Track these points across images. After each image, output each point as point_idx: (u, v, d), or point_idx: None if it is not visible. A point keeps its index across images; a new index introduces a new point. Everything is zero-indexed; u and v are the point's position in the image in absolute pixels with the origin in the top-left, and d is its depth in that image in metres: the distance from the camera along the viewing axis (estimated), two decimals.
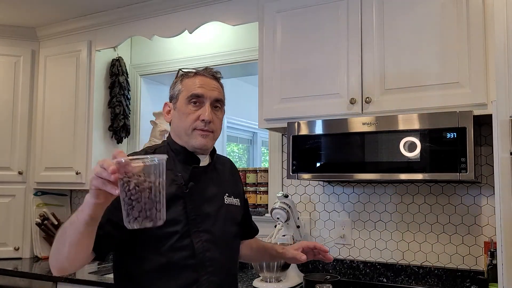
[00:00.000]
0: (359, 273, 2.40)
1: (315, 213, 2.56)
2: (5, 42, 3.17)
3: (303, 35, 2.28)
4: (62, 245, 1.19)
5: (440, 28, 1.98)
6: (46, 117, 3.16)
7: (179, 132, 1.46)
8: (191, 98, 1.43)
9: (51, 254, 1.24)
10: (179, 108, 1.45)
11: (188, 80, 1.47)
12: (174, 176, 1.40)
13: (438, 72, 1.96)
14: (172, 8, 2.76)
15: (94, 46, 3.04)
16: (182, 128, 1.44)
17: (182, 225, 1.37)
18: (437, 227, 2.25)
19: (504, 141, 1.54)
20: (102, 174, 1.00)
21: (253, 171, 2.83)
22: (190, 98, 1.43)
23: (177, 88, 1.48)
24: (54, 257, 1.23)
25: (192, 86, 1.44)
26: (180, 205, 1.39)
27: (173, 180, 1.39)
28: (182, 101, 1.44)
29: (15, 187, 3.15)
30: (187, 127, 1.43)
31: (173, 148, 1.48)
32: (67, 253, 1.19)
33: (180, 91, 1.46)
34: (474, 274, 2.14)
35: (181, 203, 1.39)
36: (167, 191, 1.18)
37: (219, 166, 1.57)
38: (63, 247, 1.18)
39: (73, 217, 1.16)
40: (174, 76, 1.56)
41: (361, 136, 2.03)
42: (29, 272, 2.68)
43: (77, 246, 1.17)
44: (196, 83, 1.45)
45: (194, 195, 1.42)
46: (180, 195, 1.39)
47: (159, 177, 1.02)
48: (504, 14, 1.60)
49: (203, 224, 1.41)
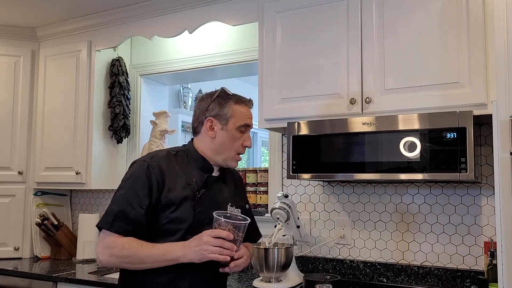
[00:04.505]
0: (359, 273, 2.40)
1: (315, 213, 2.56)
2: (5, 42, 3.17)
3: (303, 35, 2.28)
4: (133, 264, 1.52)
5: (440, 28, 1.98)
6: (46, 117, 3.16)
7: (220, 150, 1.65)
8: (242, 127, 1.65)
9: (116, 260, 1.53)
10: (229, 131, 1.64)
11: (239, 107, 1.66)
12: (189, 181, 1.60)
13: (438, 72, 1.97)
14: (172, 8, 2.76)
15: (94, 46, 3.04)
16: (227, 149, 1.65)
17: (188, 224, 1.55)
18: (437, 227, 2.25)
19: (504, 141, 1.54)
20: (224, 246, 1.47)
21: (253, 171, 2.83)
22: (241, 126, 1.65)
23: (228, 111, 1.64)
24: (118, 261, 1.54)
25: (244, 116, 1.66)
26: (189, 207, 1.57)
27: (188, 184, 1.59)
28: (233, 127, 1.64)
29: (15, 187, 3.15)
30: (233, 150, 1.66)
31: (192, 155, 1.66)
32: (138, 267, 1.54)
33: (231, 115, 1.64)
34: (474, 274, 2.14)
35: (191, 205, 1.57)
36: (181, 192, 1.55)
37: (226, 176, 1.74)
38: (134, 265, 1.53)
39: (153, 251, 1.50)
40: (174, 76, 1.63)
41: (361, 136, 2.03)
42: (29, 272, 2.68)
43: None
44: (247, 114, 1.67)
45: (204, 200, 1.60)
46: (191, 198, 1.58)
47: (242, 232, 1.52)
48: (504, 14, 1.60)
49: (206, 226, 1.55)
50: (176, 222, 1.55)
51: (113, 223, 1.53)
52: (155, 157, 1.62)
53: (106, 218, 1.55)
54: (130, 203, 1.53)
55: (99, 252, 1.55)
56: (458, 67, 1.93)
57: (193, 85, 4.70)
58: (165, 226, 1.55)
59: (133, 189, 1.55)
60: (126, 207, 1.53)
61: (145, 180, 1.56)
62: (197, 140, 1.70)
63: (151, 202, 1.54)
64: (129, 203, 1.53)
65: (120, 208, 1.53)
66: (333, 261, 2.47)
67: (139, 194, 1.54)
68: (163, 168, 1.59)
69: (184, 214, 1.56)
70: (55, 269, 2.73)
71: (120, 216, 1.53)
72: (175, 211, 1.55)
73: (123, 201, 1.54)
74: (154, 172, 1.57)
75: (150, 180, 1.56)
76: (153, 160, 1.60)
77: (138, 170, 1.58)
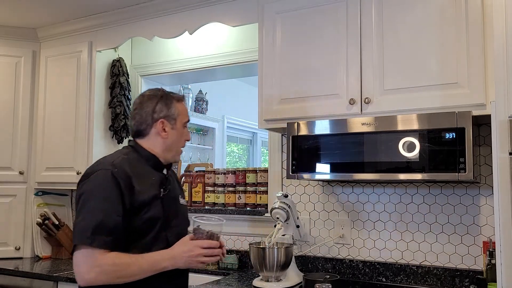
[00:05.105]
0: (358, 273, 2.40)
1: (314, 212, 2.57)
2: (6, 43, 3.18)
3: (302, 36, 2.29)
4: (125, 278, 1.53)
5: (439, 29, 1.98)
6: (47, 117, 3.17)
7: (171, 147, 1.73)
8: (186, 123, 1.77)
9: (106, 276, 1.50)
10: (178, 129, 1.74)
11: (180, 105, 1.76)
12: (151, 180, 1.66)
13: (437, 72, 1.97)
14: (173, 9, 2.77)
15: (94, 46, 3.05)
16: (176, 146, 1.75)
17: (160, 221, 1.63)
18: (436, 226, 2.26)
19: (503, 141, 1.55)
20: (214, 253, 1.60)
21: (253, 171, 2.84)
22: (185, 123, 1.77)
23: (174, 110, 1.72)
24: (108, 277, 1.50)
25: (186, 113, 1.78)
26: (159, 205, 1.63)
27: (152, 184, 1.65)
28: (180, 125, 1.74)
29: (16, 187, 3.16)
30: (180, 145, 1.77)
31: (143, 155, 1.70)
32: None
33: (178, 114, 1.73)
34: (473, 273, 2.15)
35: (159, 203, 1.64)
36: (150, 192, 1.60)
37: (169, 172, 1.80)
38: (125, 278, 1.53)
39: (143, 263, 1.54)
40: (174, 77, 1.67)
41: (360, 136, 2.04)
42: (30, 272, 2.69)
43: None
44: (186, 110, 1.80)
45: (167, 196, 1.69)
46: (159, 197, 1.64)
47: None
48: (503, 15, 1.61)
49: (173, 220, 1.69)
50: (150, 221, 1.59)
51: (94, 238, 1.47)
52: (114, 163, 1.59)
53: (83, 233, 1.48)
54: (106, 213, 1.49)
55: (84, 272, 1.48)
56: (457, 68, 1.94)
57: (193, 85, 4.71)
58: (140, 227, 1.57)
59: (105, 199, 1.51)
60: (103, 218, 1.49)
61: (113, 188, 1.53)
62: (144, 142, 1.71)
63: (125, 209, 1.53)
64: (105, 213, 1.49)
65: (97, 220, 1.48)
66: (332, 260, 2.48)
67: (113, 202, 1.51)
68: (128, 172, 1.57)
69: (156, 212, 1.61)
70: (56, 269, 2.74)
71: (98, 228, 1.48)
72: (148, 211, 1.58)
73: (98, 212, 1.49)
74: (120, 178, 1.54)
75: (119, 187, 1.53)
76: (114, 167, 1.57)
77: (103, 180, 1.54)
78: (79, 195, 1.57)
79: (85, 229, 1.48)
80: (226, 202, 2.87)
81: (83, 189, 1.56)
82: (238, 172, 2.87)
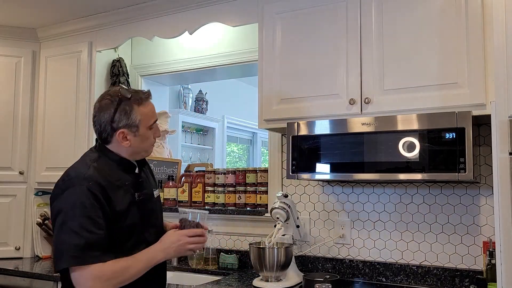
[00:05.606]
0: (358, 273, 2.40)
1: (314, 212, 2.57)
2: (6, 43, 3.18)
3: (302, 36, 2.29)
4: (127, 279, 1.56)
5: (439, 29, 1.99)
6: (47, 117, 3.17)
7: (137, 151, 1.69)
8: (151, 125, 1.69)
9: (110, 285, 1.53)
10: (142, 134, 1.66)
11: (143, 108, 1.65)
12: (125, 187, 1.64)
13: (437, 72, 1.98)
14: (173, 9, 2.77)
15: (94, 47, 3.05)
16: (143, 149, 1.71)
17: (139, 224, 1.66)
18: (436, 226, 2.26)
19: (503, 141, 1.55)
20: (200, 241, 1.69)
21: (253, 171, 2.83)
22: (150, 125, 1.68)
23: (135, 117, 1.63)
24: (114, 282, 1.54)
25: (150, 115, 1.68)
26: (135, 210, 1.65)
27: (126, 191, 1.64)
28: (144, 129, 1.66)
29: (16, 187, 3.16)
30: (148, 147, 1.72)
31: (112, 159, 1.67)
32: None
33: (140, 120, 1.64)
34: (473, 273, 2.15)
35: (135, 208, 1.65)
36: (125, 200, 1.60)
37: (141, 166, 1.79)
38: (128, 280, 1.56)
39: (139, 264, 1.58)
40: (174, 77, 1.65)
41: (360, 136, 2.04)
42: (30, 272, 2.68)
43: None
44: (151, 111, 1.69)
45: (142, 199, 1.70)
46: (134, 202, 1.65)
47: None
48: (503, 15, 1.61)
49: (150, 218, 1.72)
50: (129, 227, 1.62)
51: (85, 256, 1.47)
52: (87, 176, 1.56)
53: (73, 254, 1.47)
54: (89, 231, 1.49)
55: (89, 287, 1.49)
56: (457, 68, 1.94)
57: (194, 85, 4.71)
58: (121, 234, 1.60)
59: (86, 217, 1.50)
60: (87, 236, 1.48)
61: (92, 203, 1.51)
62: (111, 147, 1.68)
63: (106, 218, 1.54)
64: (88, 231, 1.48)
65: (82, 239, 1.47)
66: (332, 260, 2.48)
67: (93, 218, 1.51)
68: (102, 183, 1.55)
69: (134, 218, 1.64)
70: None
71: (86, 247, 1.47)
72: (126, 219, 1.60)
73: (82, 231, 1.48)
74: (97, 192, 1.53)
75: (98, 200, 1.52)
76: (88, 181, 1.54)
77: (79, 197, 1.51)
78: (56, 213, 1.54)
79: (74, 250, 1.47)
80: (226, 202, 2.87)
81: (59, 207, 1.54)
82: (238, 172, 2.87)
